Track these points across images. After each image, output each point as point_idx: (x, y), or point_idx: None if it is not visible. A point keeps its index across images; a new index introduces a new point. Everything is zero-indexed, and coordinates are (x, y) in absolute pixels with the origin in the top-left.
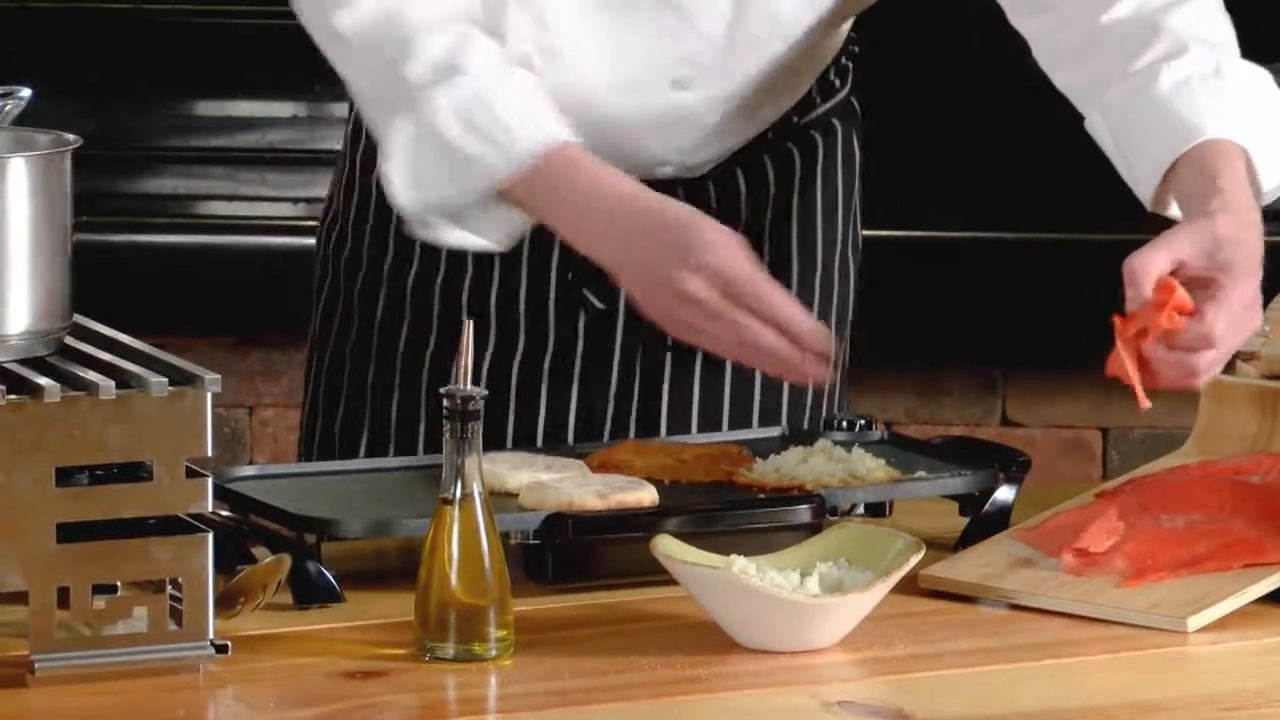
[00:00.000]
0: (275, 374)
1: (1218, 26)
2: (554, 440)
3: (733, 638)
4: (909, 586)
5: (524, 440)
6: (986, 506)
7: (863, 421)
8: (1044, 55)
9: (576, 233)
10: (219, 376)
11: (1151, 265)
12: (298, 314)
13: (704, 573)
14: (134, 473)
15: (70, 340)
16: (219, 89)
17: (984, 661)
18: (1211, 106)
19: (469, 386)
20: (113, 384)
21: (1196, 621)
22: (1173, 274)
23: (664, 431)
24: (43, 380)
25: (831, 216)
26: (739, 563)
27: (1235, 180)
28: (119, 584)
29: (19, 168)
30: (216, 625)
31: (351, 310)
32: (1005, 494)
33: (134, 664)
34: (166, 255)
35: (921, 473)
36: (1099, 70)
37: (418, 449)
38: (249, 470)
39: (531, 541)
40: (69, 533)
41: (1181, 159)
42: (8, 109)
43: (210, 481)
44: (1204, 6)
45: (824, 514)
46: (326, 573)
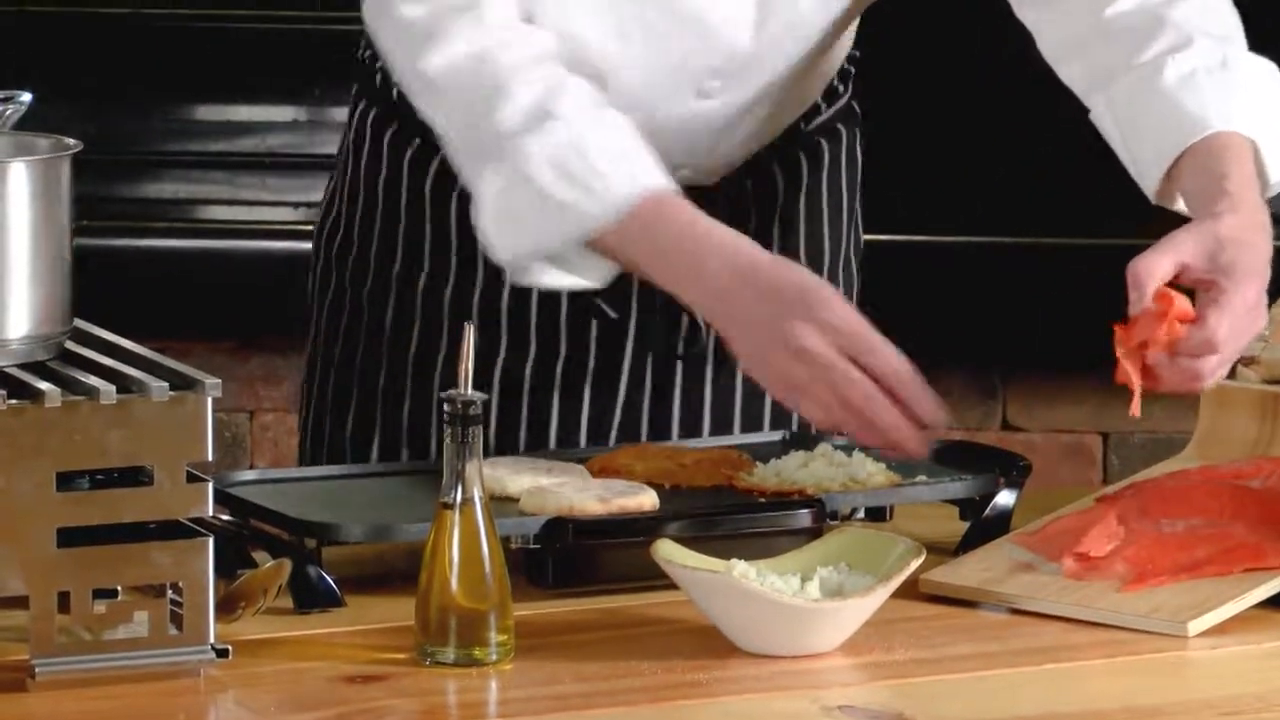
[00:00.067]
0: (276, 378)
1: (1223, 19)
2: (566, 448)
3: (733, 642)
4: (909, 591)
5: (536, 449)
6: (987, 511)
7: None
8: (1048, 47)
9: (674, 282)
10: (219, 381)
11: (1155, 268)
12: (298, 319)
13: (704, 577)
14: (134, 477)
15: (71, 345)
16: (219, 93)
17: (984, 666)
18: (1217, 99)
19: (469, 391)
20: (113, 389)
21: (1197, 626)
22: (1176, 277)
23: (675, 440)
24: (43, 385)
25: (836, 221)
26: (739, 567)
27: (1243, 181)
28: (119, 588)
29: (19, 172)
30: (217, 630)
31: (360, 316)
32: (1005, 498)
33: (134, 668)
34: (167, 260)
35: (922, 477)
36: (1104, 62)
37: (430, 454)
38: (249, 475)
39: (532, 546)
40: (70, 537)
41: (1187, 152)
42: (8, 113)
43: (211, 486)
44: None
45: (824, 518)
46: (327, 577)
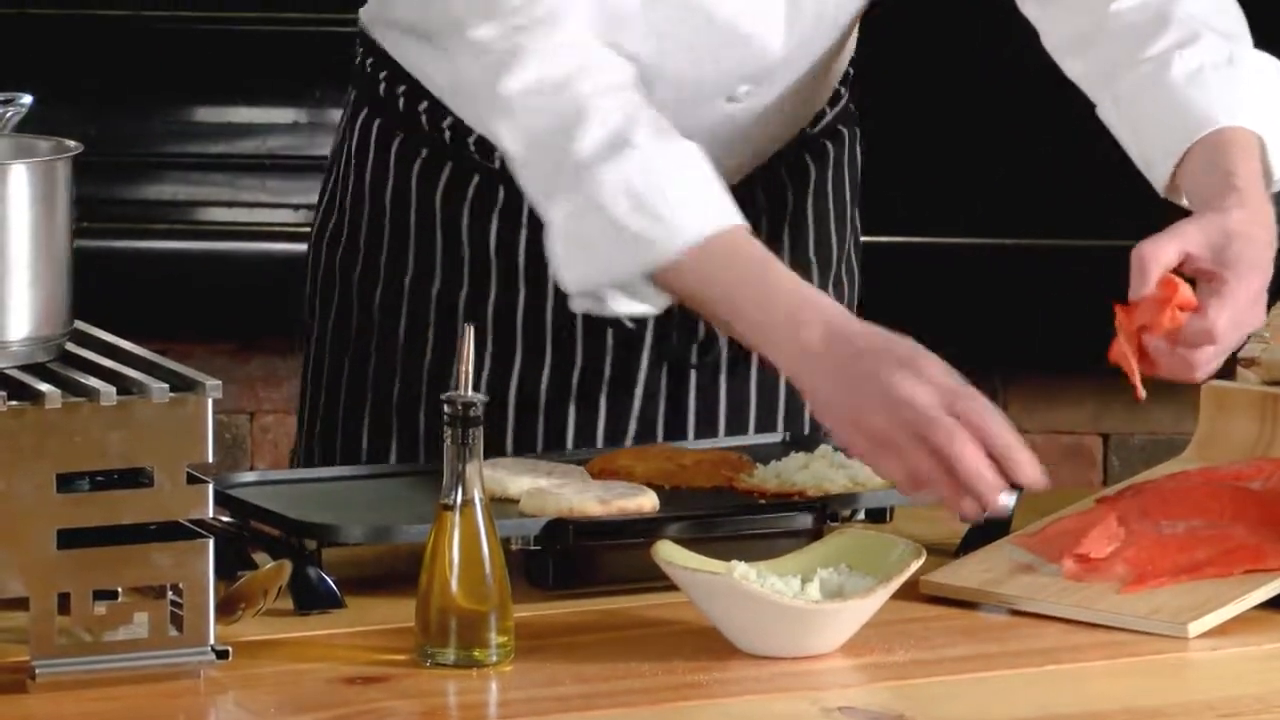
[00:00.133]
0: (276, 380)
1: (1229, 16)
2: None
3: (733, 643)
4: (910, 592)
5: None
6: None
7: None
8: (1053, 43)
9: (741, 320)
10: (220, 383)
11: (1160, 254)
12: (299, 321)
13: (705, 578)
14: (135, 479)
15: (71, 346)
16: (219, 95)
17: (984, 667)
18: (1224, 95)
19: (469, 393)
20: (114, 390)
21: (1197, 627)
22: (1180, 265)
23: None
24: (44, 386)
25: (841, 221)
26: (739, 568)
27: (1251, 177)
28: (120, 589)
29: (20, 174)
30: (217, 631)
31: (370, 325)
32: (1006, 499)
33: (135, 669)
34: (167, 261)
35: None
36: (1109, 58)
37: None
38: (250, 476)
39: (532, 547)
40: (70, 538)
41: (1194, 147)
42: (9, 116)
43: (211, 487)
44: None
45: (825, 520)
46: (327, 578)
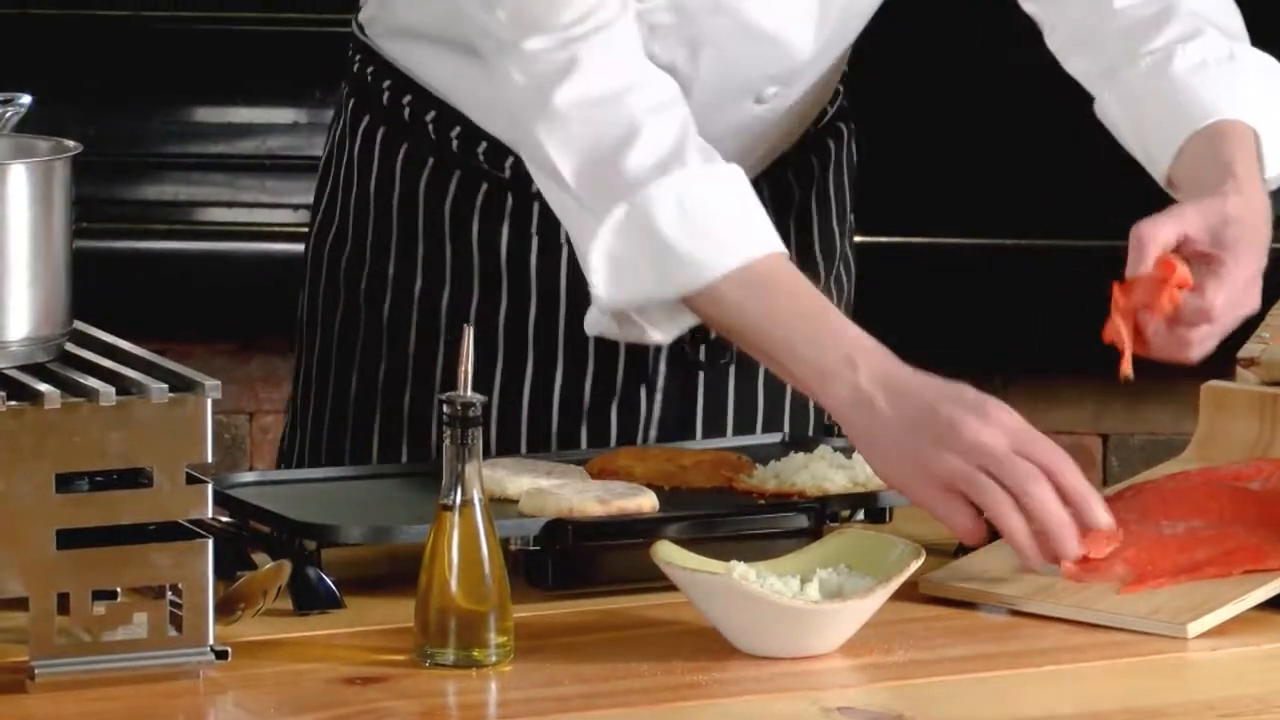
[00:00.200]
0: (275, 380)
1: (1230, 15)
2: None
3: (733, 644)
4: (909, 592)
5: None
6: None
7: None
8: (1056, 40)
9: (787, 357)
10: (219, 383)
11: (1159, 233)
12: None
13: (704, 579)
14: (134, 479)
15: (70, 347)
16: (219, 95)
17: (984, 667)
18: (1226, 89)
19: (469, 393)
20: (113, 390)
21: (1196, 628)
22: (1177, 247)
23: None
24: (43, 387)
25: (841, 219)
26: (739, 569)
27: (1249, 168)
28: (119, 590)
29: (19, 174)
30: (216, 631)
31: (379, 333)
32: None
33: (134, 669)
34: (166, 261)
35: None
36: (1111, 51)
37: None
38: (249, 476)
39: (532, 547)
40: (69, 539)
41: (1193, 137)
42: (8, 116)
43: (210, 487)
44: None
45: (824, 520)
46: (326, 578)
